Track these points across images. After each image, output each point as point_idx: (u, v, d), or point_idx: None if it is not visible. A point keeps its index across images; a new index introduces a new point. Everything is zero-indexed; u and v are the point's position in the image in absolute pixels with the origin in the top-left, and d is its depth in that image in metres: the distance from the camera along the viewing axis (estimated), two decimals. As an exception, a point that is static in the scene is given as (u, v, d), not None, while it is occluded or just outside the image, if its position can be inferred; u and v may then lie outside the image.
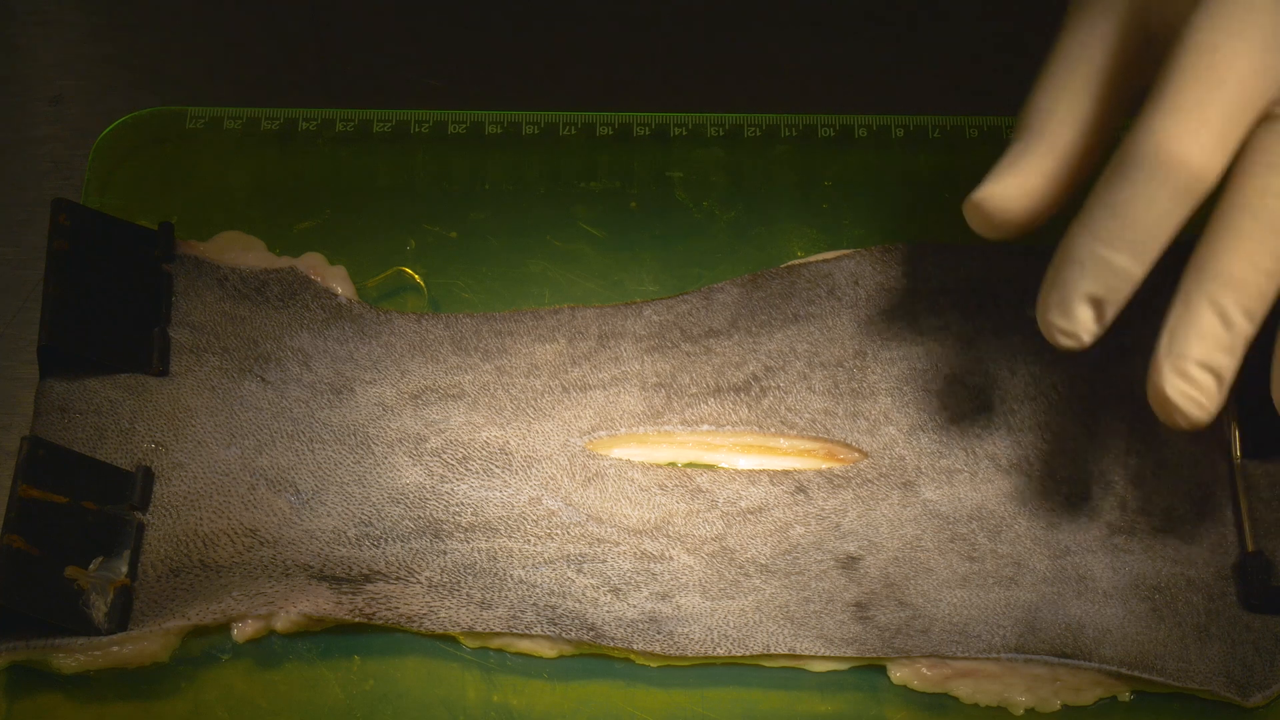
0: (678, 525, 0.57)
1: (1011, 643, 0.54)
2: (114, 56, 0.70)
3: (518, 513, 0.57)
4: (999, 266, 0.61)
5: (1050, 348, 0.60)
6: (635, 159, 0.65)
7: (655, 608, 0.55)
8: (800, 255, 0.62)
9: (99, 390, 0.58)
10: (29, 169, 0.67)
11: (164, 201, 0.64)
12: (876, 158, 0.66)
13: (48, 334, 0.58)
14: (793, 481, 0.58)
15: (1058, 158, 0.52)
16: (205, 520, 0.56)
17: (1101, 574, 0.56)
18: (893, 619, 0.55)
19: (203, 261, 0.61)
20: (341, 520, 0.57)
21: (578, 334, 0.61)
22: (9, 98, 0.69)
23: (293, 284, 0.61)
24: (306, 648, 0.56)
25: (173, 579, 0.55)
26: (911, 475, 0.58)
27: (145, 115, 0.66)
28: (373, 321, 0.61)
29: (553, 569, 0.56)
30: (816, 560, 0.56)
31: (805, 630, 0.55)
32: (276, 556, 0.56)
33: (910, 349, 0.60)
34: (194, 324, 0.60)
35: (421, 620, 0.55)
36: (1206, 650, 0.54)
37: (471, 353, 0.60)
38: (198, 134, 0.65)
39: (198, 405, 0.59)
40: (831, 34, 0.70)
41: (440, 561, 0.56)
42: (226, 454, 0.58)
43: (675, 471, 0.58)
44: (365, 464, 0.58)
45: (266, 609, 0.55)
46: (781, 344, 0.60)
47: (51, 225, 0.59)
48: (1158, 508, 0.57)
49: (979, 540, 0.56)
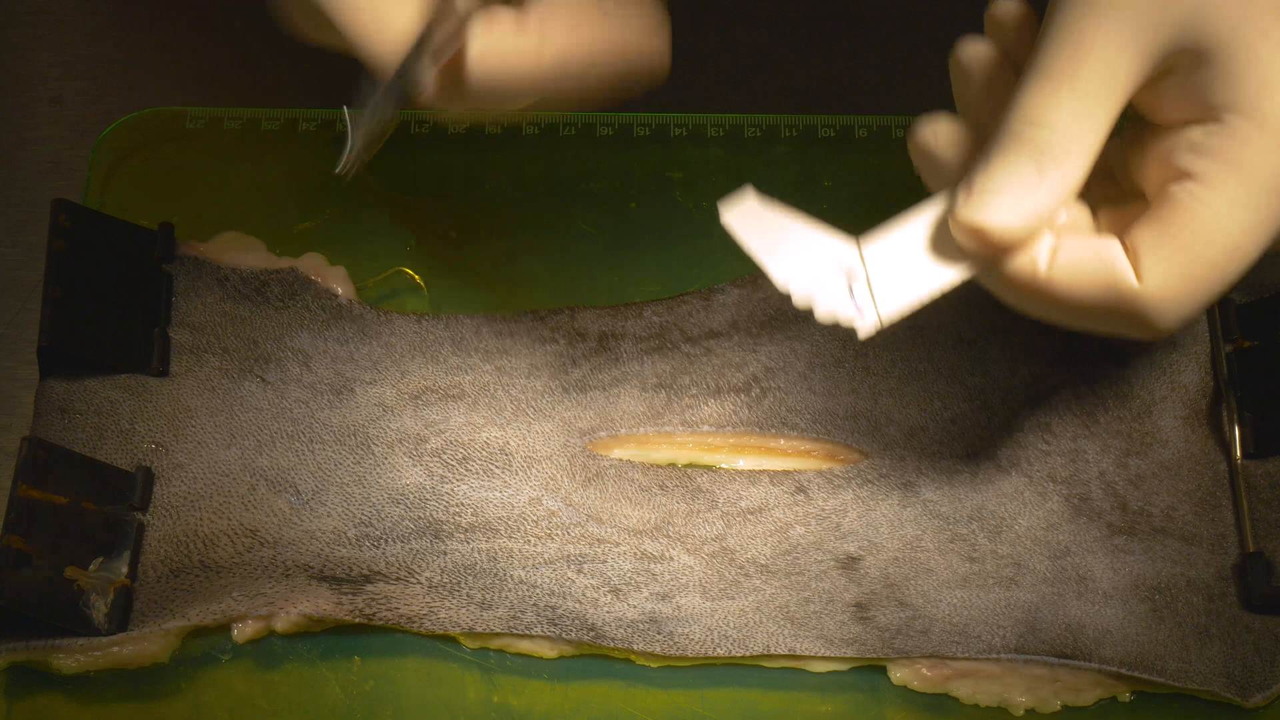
0: (678, 526, 0.57)
1: (1011, 643, 0.54)
2: (114, 56, 0.70)
3: (518, 513, 0.57)
4: (999, 267, 0.61)
5: (1050, 348, 0.60)
6: (635, 159, 0.65)
7: (655, 608, 0.55)
8: (800, 255, 0.62)
9: (99, 390, 0.58)
10: (29, 169, 0.67)
11: (164, 201, 0.64)
12: (876, 158, 0.66)
13: (48, 334, 0.58)
14: (793, 482, 0.58)
15: (1069, 189, 0.47)
16: (205, 521, 0.56)
17: (1101, 574, 0.56)
18: (893, 619, 0.55)
19: (203, 261, 0.61)
20: (341, 521, 0.57)
21: (578, 335, 0.61)
22: (9, 98, 0.69)
23: (293, 284, 0.61)
24: (306, 648, 0.56)
25: (173, 579, 0.55)
26: (911, 475, 0.58)
27: (145, 115, 0.66)
28: (373, 322, 0.61)
29: (553, 569, 0.56)
30: (816, 560, 0.56)
31: (805, 630, 0.55)
32: (276, 557, 0.56)
33: (910, 349, 0.60)
34: (194, 324, 0.60)
35: (421, 621, 0.55)
36: (1206, 651, 0.54)
37: (471, 353, 0.60)
38: (198, 134, 0.65)
39: (198, 406, 0.59)
40: (832, 34, 0.70)
41: (440, 562, 0.56)
42: (226, 454, 0.58)
43: (675, 472, 0.58)
44: (365, 464, 0.58)
45: (266, 609, 0.55)
46: (781, 345, 0.60)
47: (51, 225, 0.59)
48: (1158, 508, 0.57)
49: (979, 540, 0.56)
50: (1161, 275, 0.46)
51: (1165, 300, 0.46)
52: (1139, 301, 0.46)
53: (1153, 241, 0.46)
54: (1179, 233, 0.46)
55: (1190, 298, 0.46)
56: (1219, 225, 0.46)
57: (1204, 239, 0.46)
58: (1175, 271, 0.46)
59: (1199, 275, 0.46)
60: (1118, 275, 0.46)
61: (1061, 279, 0.47)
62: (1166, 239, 0.46)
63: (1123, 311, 0.47)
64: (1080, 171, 0.46)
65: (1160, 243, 0.46)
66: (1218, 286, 0.46)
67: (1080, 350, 0.59)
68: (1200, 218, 0.46)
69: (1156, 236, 0.46)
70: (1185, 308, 0.46)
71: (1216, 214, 0.46)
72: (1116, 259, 0.46)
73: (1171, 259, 0.46)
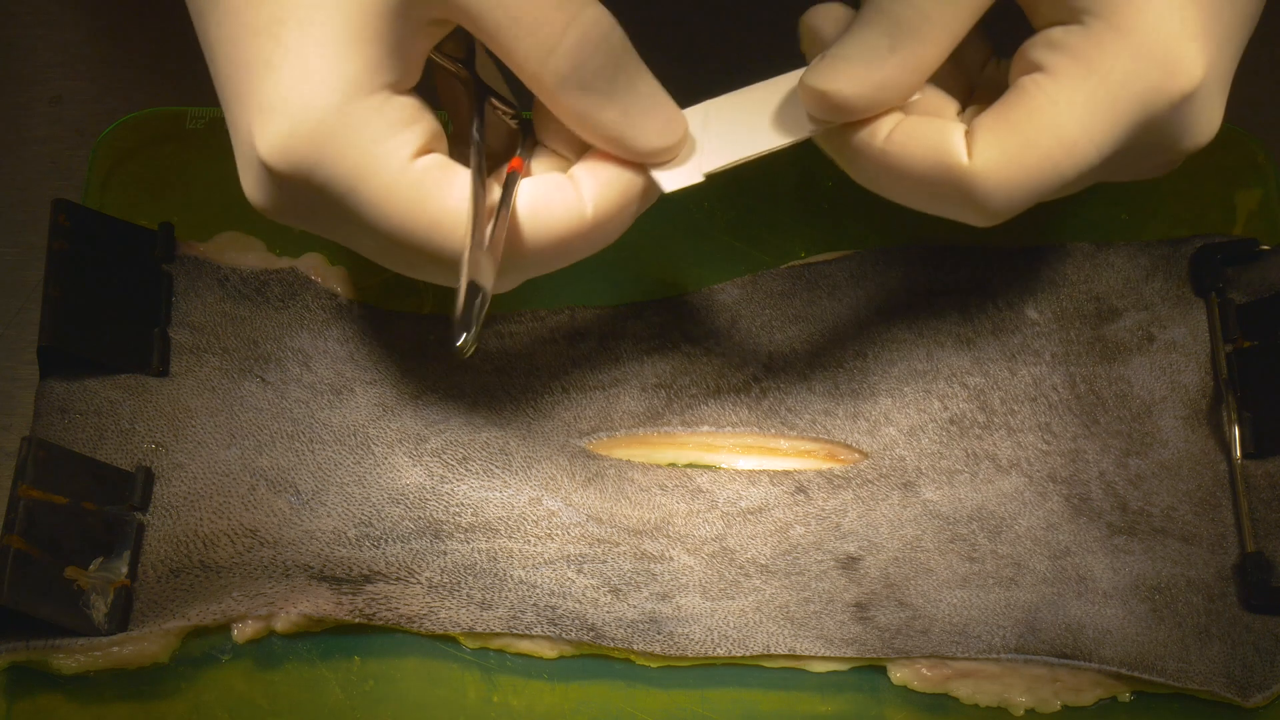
0: (678, 526, 0.57)
1: (1011, 643, 0.54)
2: (114, 56, 0.69)
3: (518, 513, 0.57)
4: (998, 267, 0.61)
5: (1050, 348, 0.60)
6: (635, 159, 0.65)
7: (655, 608, 0.55)
8: (801, 255, 0.62)
9: (99, 391, 0.58)
10: (29, 169, 0.67)
11: (164, 201, 0.64)
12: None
13: (48, 334, 0.58)
14: (793, 482, 0.58)
15: (920, 68, 0.47)
16: (205, 521, 0.56)
17: (1101, 574, 0.56)
18: (893, 619, 0.55)
19: (203, 261, 0.61)
20: (341, 521, 0.57)
21: (578, 334, 0.61)
22: (9, 98, 0.68)
23: (293, 284, 0.61)
24: (306, 648, 0.56)
25: (173, 579, 0.55)
26: (911, 476, 0.58)
27: (145, 115, 0.65)
28: (373, 322, 0.61)
29: (553, 569, 0.56)
30: (816, 560, 0.56)
31: (805, 630, 0.55)
32: (276, 557, 0.56)
33: (910, 349, 0.60)
34: (194, 324, 0.60)
35: (421, 620, 0.55)
36: (1206, 651, 0.54)
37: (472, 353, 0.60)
38: (198, 134, 0.65)
39: (198, 406, 0.59)
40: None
41: (440, 562, 0.56)
42: (226, 454, 0.58)
43: (675, 472, 0.58)
44: (365, 464, 0.58)
45: (266, 609, 0.55)
46: (782, 344, 0.60)
47: (51, 225, 0.59)
48: (1158, 508, 0.57)
49: (979, 541, 0.56)
50: (991, 155, 0.46)
51: (990, 179, 0.47)
52: (966, 178, 0.47)
53: (989, 124, 0.47)
54: (1015, 118, 0.47)
55: (1016, 183, 0.47)
56: (1055, 117, 0.46)
57: (1038, 126, 0.46)
58: (1006, 154, 0.46)
59: (1028, 162, 0.46)
60: (949, 150, 0.47)
61: (895, 150, 0.47)
62: (1002, 122, 0.47)
63: (950, 186, 0.47)
64: (933, 53, 0.47)
65: (995, 125, 0.47)
66: (1048, 178, 0.47)
67: (1080, 350, 0.59)
68: (1039, 106, 0.46)
69: (994, 120, 0.47)
70: (1011, 191, 0.47)
71: (1054, 105, 0.46)
72: (950, 135, 0.47)
73: (1004, 141, 0.46)
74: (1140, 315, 0.60)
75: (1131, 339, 0.59)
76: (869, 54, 0.47)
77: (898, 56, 0.47)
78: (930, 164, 0.47)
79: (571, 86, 0.46)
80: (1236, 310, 0.59)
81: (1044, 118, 0.46)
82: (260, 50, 0.46)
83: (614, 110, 0.47)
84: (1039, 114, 0.46)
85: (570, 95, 0.46)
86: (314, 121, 0.46)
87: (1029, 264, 0.61)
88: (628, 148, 0.48)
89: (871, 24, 0.47)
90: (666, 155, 0.49)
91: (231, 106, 0.48)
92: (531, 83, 0.46)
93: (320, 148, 0.46)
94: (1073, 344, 0.59)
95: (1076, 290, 0.60)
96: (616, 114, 0.47)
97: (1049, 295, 0.60)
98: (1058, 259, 0.61)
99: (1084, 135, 0.46)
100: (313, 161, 0.46)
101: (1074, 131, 0.46)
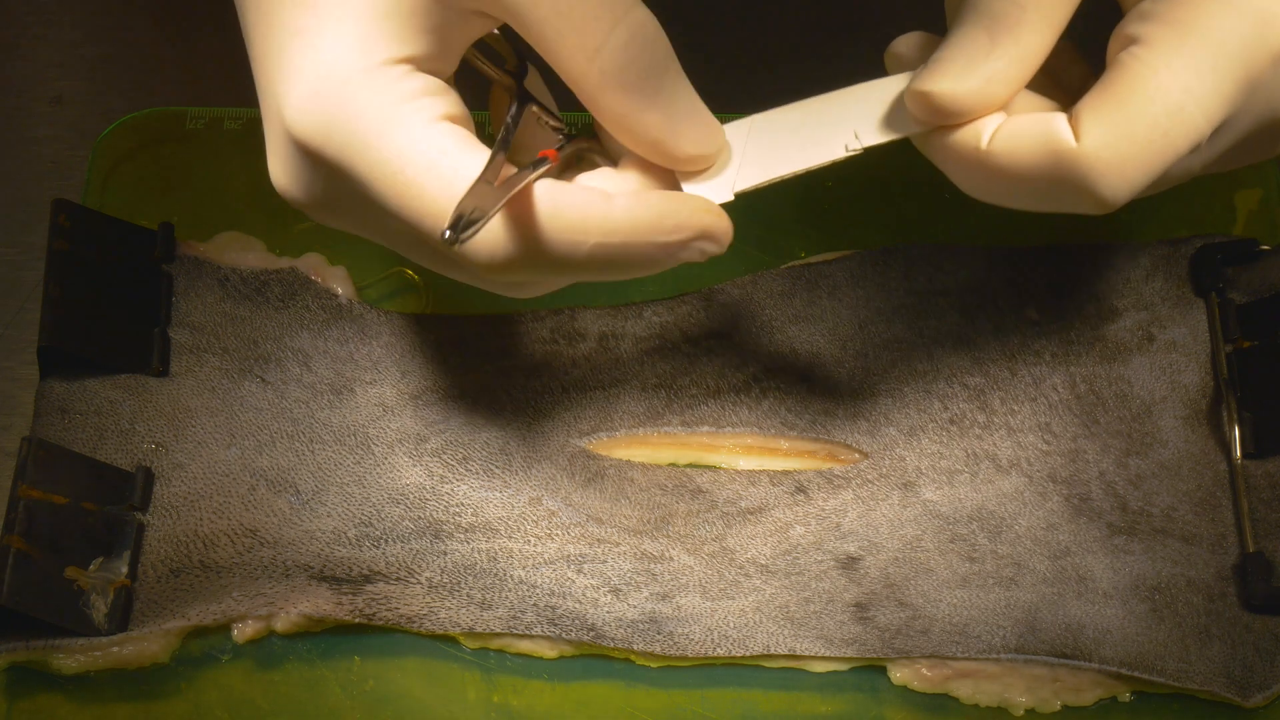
0: (678, 526, 0.57)
1: (1011, 643, 0.54)
2: (114, 56, 0.69)
3: (518, 513, 0.57)
4: (998, 267, 0.61)
5: (1050, 348, 0.60)
6: (635, 159, 0.65)
7: (655, 608, 0.55)
8: (801, 255, 0.62)
9: (99, 391, 0.58)
10: (29, 169, 0.67)
11: (164, 201, 0.64)
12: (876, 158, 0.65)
13: (48, 334, 0.58)
14: (793, 482, 0.58)
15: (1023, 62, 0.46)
16: (205, 521, 0.56)
17: (1101, 574, 0.56)
18: (893, 619, 0.55)
19: (203, 261, 0.61)
20: (341, 521, 0.57)
21: (578, 335, 0.61)
22: (9, 98, 0.69)
23: (293, 284, 0.61)
24: (306, 648, 0.56)
25: (173, 579, 0.55)
26: (911, 476, 0.58)
27: (145, 115, 0.65)
28: (373, 322, 0.61)
29: (553, 569, 0.56)
30: (816, 560, 0.56)
31: (805, 631, 0.55)
32: (276, 557, 0.56)
33: (910, 349, 0.60)
34: (194, 324, 0.60)
35: (422, 621, 0.55)
36: (1207, 651, 0.54)
37: (472, 353, 0.60)
38: (198, 134, 0.65)
39: (198, 406, 0.59)
40: (831, 34, 0.70)
41: (440, 562, 0.56)
42: (226, 454, 0.58)
43: (675, 472, 0.58)
44: (365, 464, 0.58)
45: (266, 609, 0.55)
46: (782, 345, 0.60)
47: (51, 225, 0.59)
48: (1158, 508, 0.57)
49: (979, 541, 0.56)
50: (1099, 134, 0.45)
51: (1101, 158, 0.45)
52: (1076, 162, 0.45)
53: (1092, 104, 0.46)
54: (1118, 92, 0.45)
55: (1128, 159, 0.45)
56: (1158, 84, 0.45)
57: (1141, 96, 0.45)
58: (1114, 130, 0.45)
59: (1138, 134, 0.45)
60: (1055, 136, 0.45)
61: (1001, 148, 0.46)
62: (1105, 99, 0.45)
63: (1062, 176, 0.46)
64: (1036, 46, 0.46)
65: (1099, 104, 0.45)
66: (1159, 150, 0.45)
67: (1080, 350, 0.59)
68: (1139, 76, 0.45)
69: (1097, 99, 0.46)
70: (1125, 168, 0.45)
71: (1155, 72, 0.45)
72: (1055, 122, 0.46)
73: (1110, 117, 0.45)
74: (1140, 315, 0.60)
75: (1131, 339, 0.59)
76: (970, 52, 0.46)
77: (999, 50, 0.46)
78: (1039, 155, 0.46)
79: (615, 86, 0.46)
80: (1236, 310, 0.59)
81: (1146, 87, 0.45)
82: (293, 19, 0.46)
83: (656, 113, 0.47)
84: (1140, 84, 0.45)
85: (613, 95, 0.46)
86: (338, 80, 0.46)
87: (1029, 264, 0.61)
88: (666, 152, 0.47)
89: (970, 24, 0.47)
90: (703, 164, 0.48)
91: (262, 79, 0.48)
92: (575, 81, 0.46)
93: (342, 104, 0.45)
94: (1073, 344, 0.59)
95: (1076, 290, 0.60)
96: (658, 117, 0.47)
97: (1049, 295, 0.60)
98: (1058, 259, 0.61)
99: (1189, 98, 0.45)
100: (331, 117, 0.46)
101: (1179, 96, 0.45)
